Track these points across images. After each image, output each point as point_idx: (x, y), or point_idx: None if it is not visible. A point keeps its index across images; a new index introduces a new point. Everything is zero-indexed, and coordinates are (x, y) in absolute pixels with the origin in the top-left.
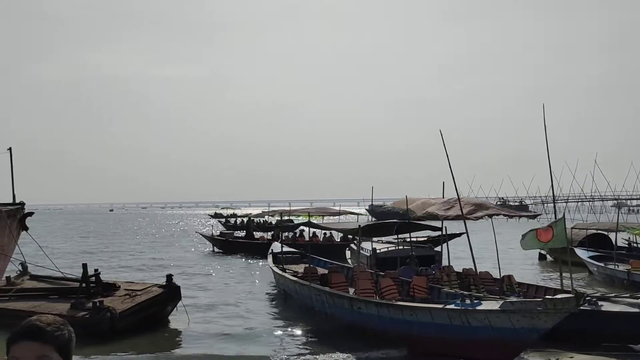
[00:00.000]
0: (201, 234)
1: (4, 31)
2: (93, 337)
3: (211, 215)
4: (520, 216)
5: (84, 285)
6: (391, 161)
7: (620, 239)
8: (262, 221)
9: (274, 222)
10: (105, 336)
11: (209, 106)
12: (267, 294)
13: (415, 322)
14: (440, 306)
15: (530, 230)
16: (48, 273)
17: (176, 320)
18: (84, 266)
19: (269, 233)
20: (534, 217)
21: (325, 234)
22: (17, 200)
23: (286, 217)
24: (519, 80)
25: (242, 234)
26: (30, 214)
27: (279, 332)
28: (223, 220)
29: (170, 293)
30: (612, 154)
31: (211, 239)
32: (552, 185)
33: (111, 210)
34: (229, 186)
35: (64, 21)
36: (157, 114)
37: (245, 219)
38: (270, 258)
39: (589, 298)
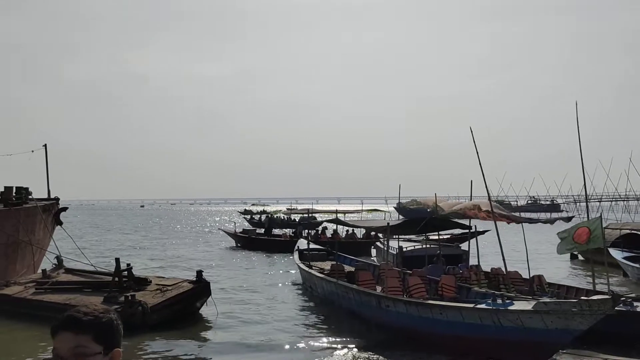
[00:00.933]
0: (224, 231)
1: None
2: (125, 331)
3: (241, 212)
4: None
5: (116, 279)
6: (420, 159)
7: None
8: (285, 218)
9: (296, 220)
10: (137, 329)
11: (237, 105)
12: (292, 290)
13: (444, 321)
14: (471, 306)
15: (565, 236)
16: (81, 267)
17: (206, 314)
18: (117, 261)
19: (291, 230)
20: (552, 222)
21: (347, 231)
22: (52, 196)
23: (306, 215)
24: (549, 79)
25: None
26: (65, 209)
27: (305, 328)
28: (248, 217)
29: (201, 289)
30: None
31: (234, 235)
32: (584, 183)
33: (142, 207)
34: (257, 183)
35: (96, 21)
36: (186, 112)
37: (268, 216)
38: (296, 255)
39: (624, 299)
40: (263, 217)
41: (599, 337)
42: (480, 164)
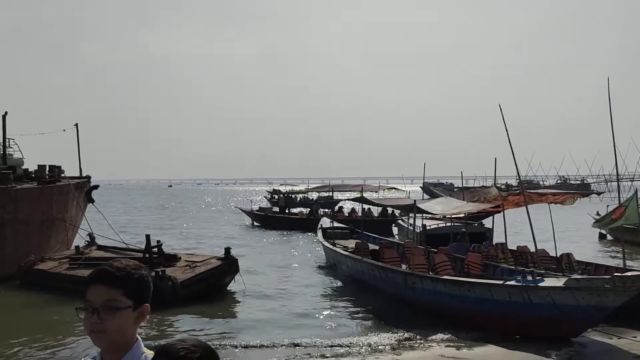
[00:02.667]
0: (241, 209)
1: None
2: (155, 305)
3: (269, 192)
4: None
5: (147, 255)
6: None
7: None
8: (303, 197)
9: (314, 199)
10: (167, 304)
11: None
12: (315, 267)
13: (472, 298)
14: (500, 282)
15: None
16: (113, 244)
17: (234, 290)
18: (147, 238)
19: (308, 209)
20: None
21: (363, 209)
22: (83, 175)
23: (325, 194)
24: (583, 55)
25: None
26: (96, 187)
27: (331, 305)
28: (268, 196)
29: (229, 265)
30: None
31: (250, 213)
32: (615, 161)
33: (170, 186)
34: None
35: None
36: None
37: (293, 195)
38: (320, 233)
39: None
40: (299, 197)
41: (630, 315)
42: (510, 143)
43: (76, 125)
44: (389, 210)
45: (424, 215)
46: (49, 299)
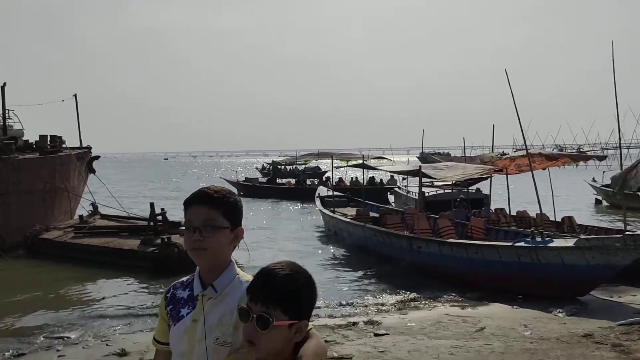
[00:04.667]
0: (226, 180)
1: None
2: (161, 271)
3: (268, 163)
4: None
5: (151, 223)
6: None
7: None
8: (293, 168)
9: (302, 169)
10: (173, 270)
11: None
12: (315, 235)
13: (479, 260)
14: (509, 244)
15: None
16: (115, 213)
17: (238, 257)
18: (152, 205)
19: (294, 180)
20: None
21: (352, 178)
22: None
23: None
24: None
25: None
26: (97, 157)
27: (336, 272)
28: (260, 167)
29: None
30: None
31: (236, 184)
32: (619, 128)
33: (165, 159)
34: (280, 135)
35: None
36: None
37: (281, 166)
38: (318, 201)
39: None
40: (289, 168)
41: (634, 274)
42: (515, 106)
43: (75, 95)
44: (377, 179)
45: (423, 182)
46: (56, 267)
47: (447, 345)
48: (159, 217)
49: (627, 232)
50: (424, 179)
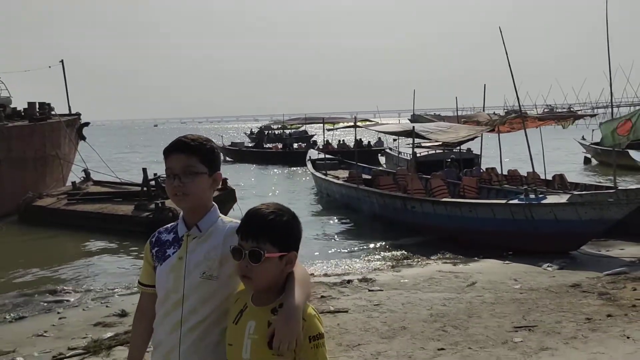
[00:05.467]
0: None
1: None
2: None
3: (263, 128)
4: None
5: (145, 188)
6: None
7: None
8: (280, 132)
9: (290, 133)
10: None
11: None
12: (308, 197)
13: (474, 219)
14: (503, 201)
15: (607, 123)
16: (108, 180)
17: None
18: (144, 171)
19: (281, 144)
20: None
21: (339, 141)
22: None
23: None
24: None
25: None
26: (87, 124)
27: (331, 232)
28: (248, 131)
29: (227, 195)
30: None
31: (222, 149)
32: (610, 88)
33: (155, 126)
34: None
35: None
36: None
37: (267, 131)
38: (309, 164)
39: None
40: (277, 132)
41: (624, 228)
42: (509, 65)
43: (62, 61)
44: (365, 142)
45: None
46: (50, 234)
47: (440, 297)
48: (152, 182)
49: (619, 188)
50: (410, 140)
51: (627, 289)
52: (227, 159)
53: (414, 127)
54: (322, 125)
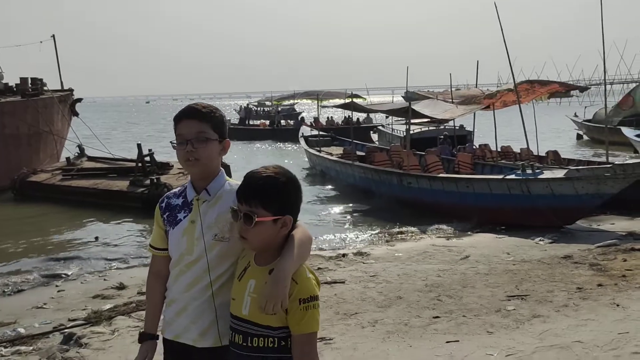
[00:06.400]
0: None
1: None
2: (152, 212)
3: (255, 105)
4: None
5: (139, 164)
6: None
7: None
8: (269, 109)
9: (278, 110)
10: None
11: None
12: (301, 173)
13: (470, 194)
14: (500, 177)
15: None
16: (101, 155)
17: None
18: (139, 146)
19: (268, 121)
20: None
21: (327, 118)
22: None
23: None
24: None
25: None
26: (80, 99)
27: (326, 207)
28: (238, 108)
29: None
30: None
31: None
32: (604, 64)
33: (147, 103)
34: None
35: None
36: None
37: (255, 108)
38: (302, 141)
39: None
40: (266, 109)
41: (618, 204)
42: (504, 39)
43: (53, 36)
44: (354, 118)
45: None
46: (46, 209)
47: (435, 269)
48: (147, 158)
49: (616, 162)
50: (403, 118)
51: (617, 260)
52: None
53: (410, 104)
54: (311, 102)
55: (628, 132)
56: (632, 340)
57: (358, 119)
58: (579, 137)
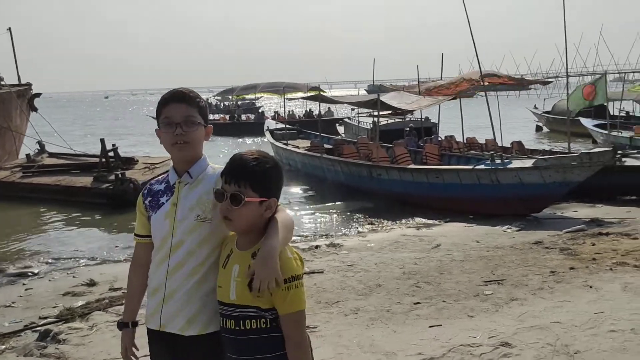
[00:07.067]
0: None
1: None
2: (117, 208)
3: (219, 99)
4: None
5: (103, 160)
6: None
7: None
8: (229, 104)
9: (238, 104)
10: (129, 206)
11: None
12: None
13: (440, 185)
14: (470, 167)
15: (575, 90)
16: (62, 151)
17: None
18: (102, 141)
19: (228, 115)
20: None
21: (289, 111)
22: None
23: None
24: None
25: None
26: (38, 94)
27: (297, 201)
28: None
29: None
30: (619, 29)
31: None
32: (566, 58)
33: (106, 98)
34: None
35: None
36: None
37: (215, 102)
38: (268, 134)
39: (621, 152)
40: (226, 103)
41: (584, 191)
42: (470, 26)
43: (9, 29)
44: (315, 111)
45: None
46: (6, 208)
47: (411, 257)
48: (111, 153)
49: (582, 151)
50: (369, 110)
51: (586, 244)
52: None
53: (378, 95)
54: (270, 96)
55: (587, 122)
56: (607, 320)
57: (319, 111)
58: (538, 128)
